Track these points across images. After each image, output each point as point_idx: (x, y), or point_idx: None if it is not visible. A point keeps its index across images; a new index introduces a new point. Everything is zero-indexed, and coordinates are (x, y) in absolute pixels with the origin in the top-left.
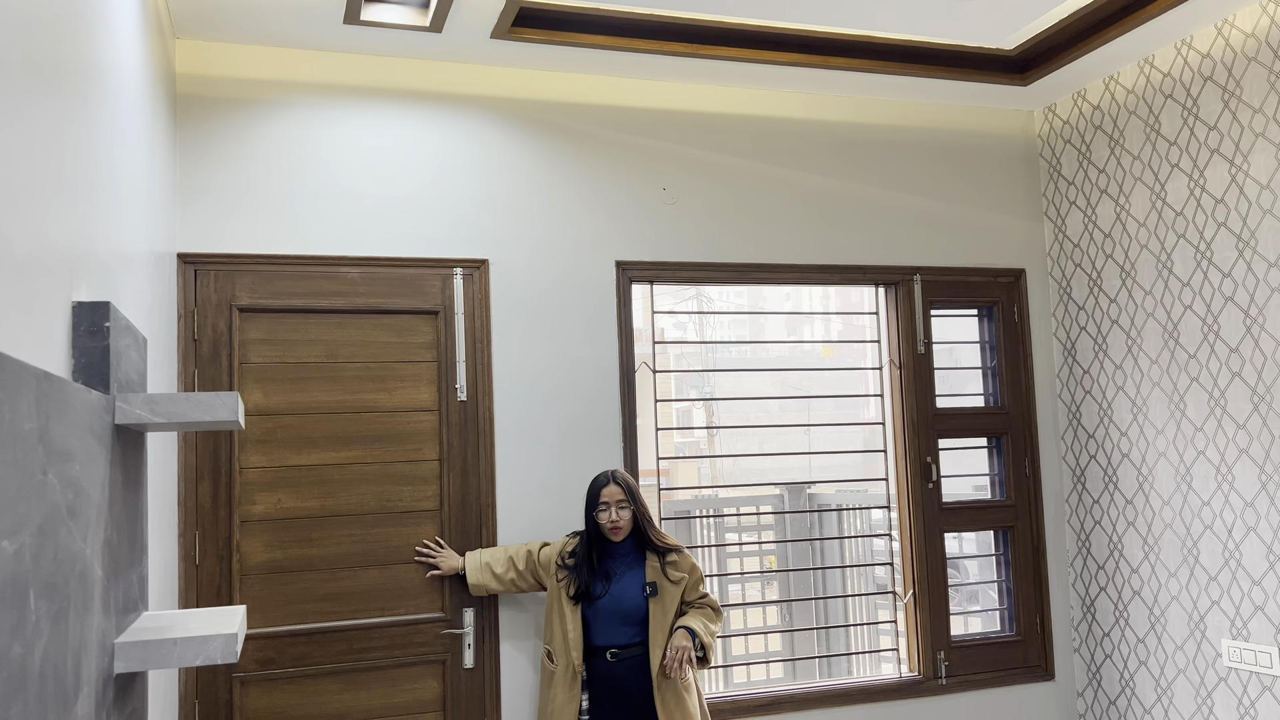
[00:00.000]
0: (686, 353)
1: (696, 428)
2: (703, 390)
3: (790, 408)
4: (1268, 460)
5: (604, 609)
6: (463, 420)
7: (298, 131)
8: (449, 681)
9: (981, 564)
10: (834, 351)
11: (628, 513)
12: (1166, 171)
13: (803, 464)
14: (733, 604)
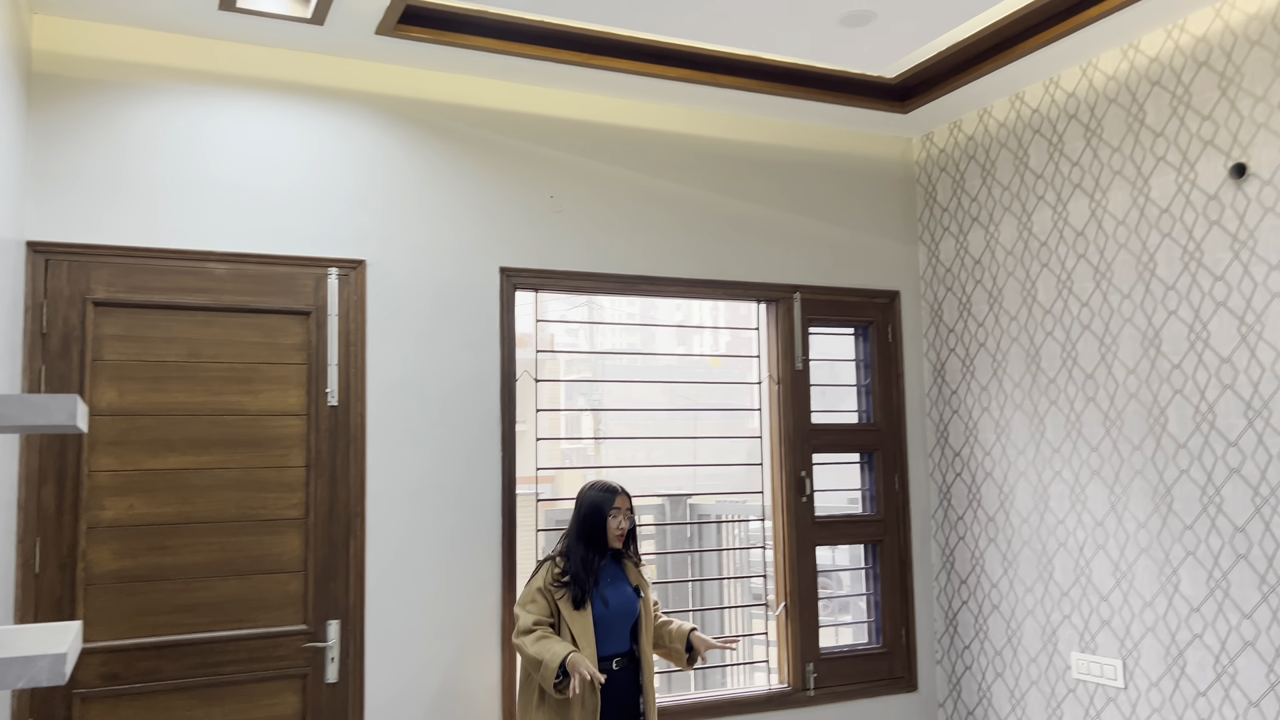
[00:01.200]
0: (576, 361)
1: (579, 438)
2: (591, 399)
3: (677, 419)
4: (1116, 482)
5: (609, 617)
6: (333, 426)
7: (166, 119)
8: (310, 697)
9: (852, 577)
10: (721, 364)
11: (629, 523)
12: (1033, 203)
13: (687, 475)
14: None
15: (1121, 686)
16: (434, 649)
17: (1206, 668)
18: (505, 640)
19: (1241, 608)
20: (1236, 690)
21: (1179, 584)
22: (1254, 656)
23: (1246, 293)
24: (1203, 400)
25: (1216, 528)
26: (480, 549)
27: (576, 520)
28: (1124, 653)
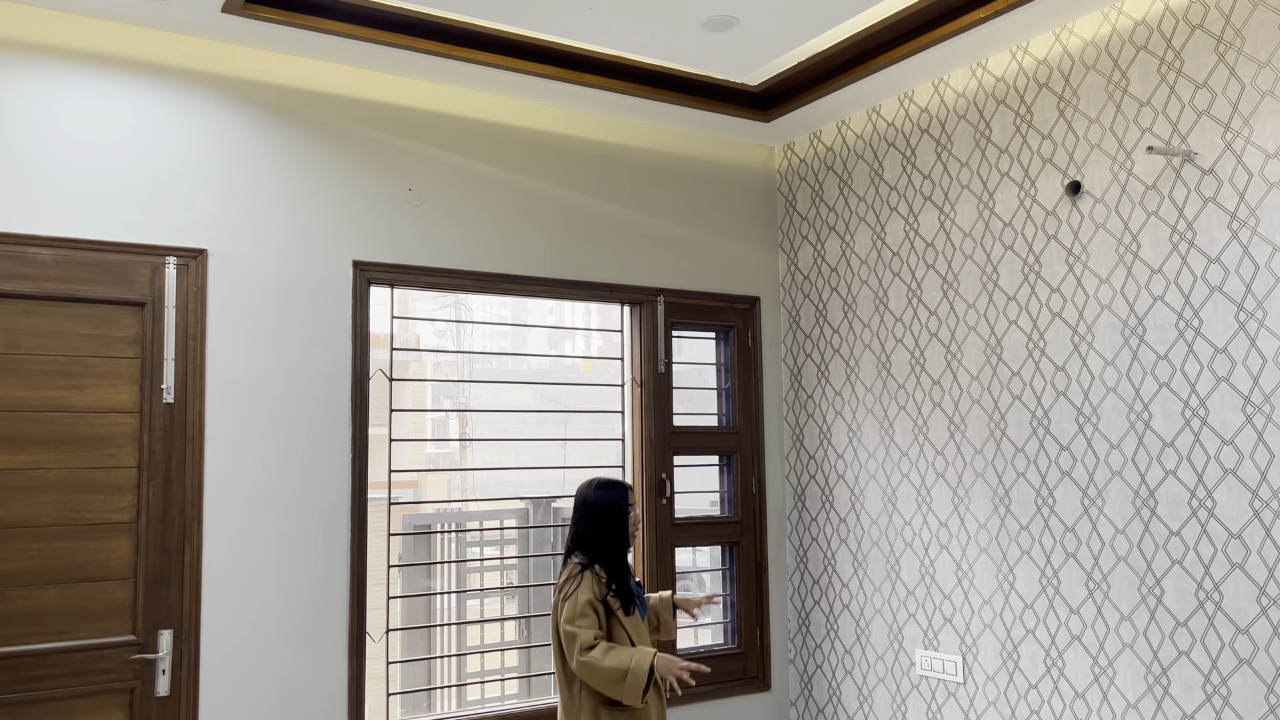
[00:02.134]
0: (445, 363)
1: (440, 440)
2: (458, 401)
3: (547, 422)
4: (959, 484)
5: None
6: (168, 424)
7: None
8: (138, 712)
9: (711, 578)
10: (592, 368)
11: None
12: (887, 214)
13: (555, 477)
14: (470, 620)
15: (961, 681)
16: (276, 659)
17: (1038, 661)
18: (354, 648)
19: (1070, 603)
20: (1064, 682)
21: (1015, 582)
22: (1080, 650)
23: (1079, 304)
24: (1039, 406)
25: (1049, 528)
26: (328, 555)
27: (594, 524)
28: (964, 649)
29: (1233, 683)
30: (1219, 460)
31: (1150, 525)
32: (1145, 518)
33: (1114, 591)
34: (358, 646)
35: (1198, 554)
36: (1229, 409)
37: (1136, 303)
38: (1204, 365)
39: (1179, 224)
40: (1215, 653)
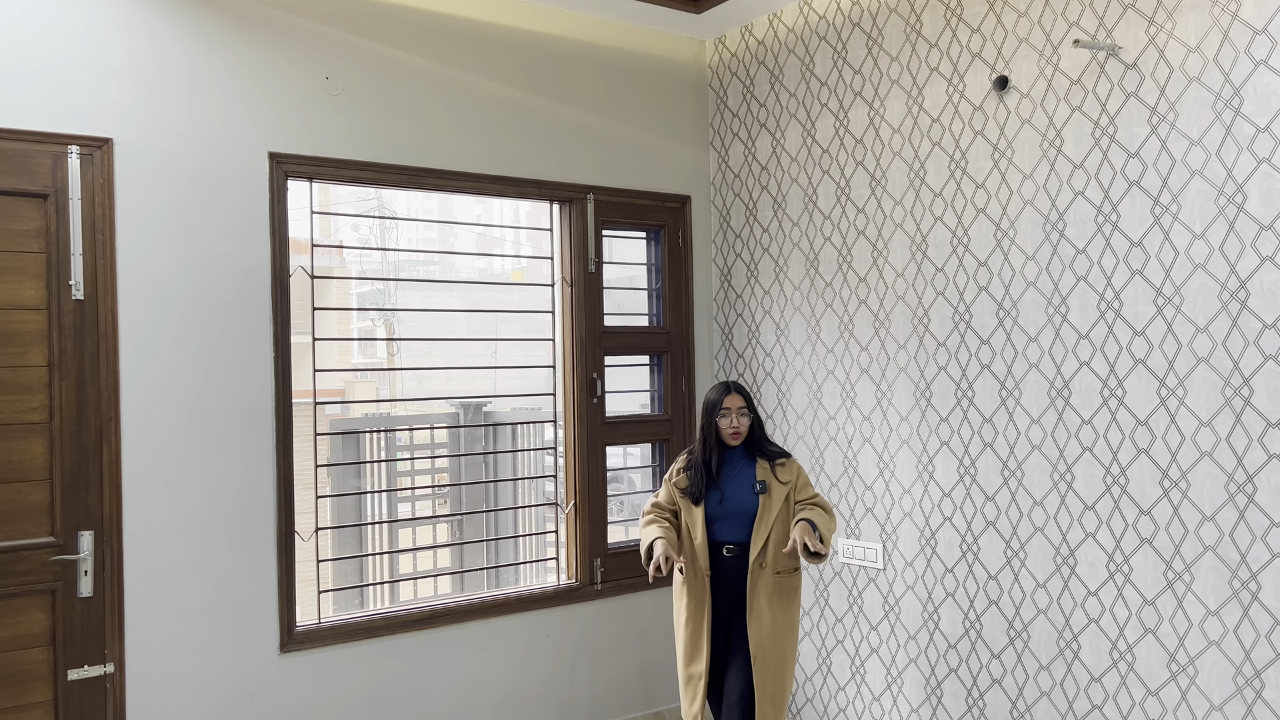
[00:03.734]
0: (369, 264)
1: (360, 339)
2: (383, 303)
3: (477, 321)
4: (883, 379)
5: (723, 509)
6: (79, 322)
7: None
8: (60, 613)
9: (640, 475)
10: (523, 270)
11: (747, 420)
12: (817, 110)
13: (487, 378)
14: (403, 519)
15: (881, 567)
16: (203, 559)
17: (954, 546)
18: (282, 546)
19: (986, 491)
20: (979, 566)
21: (934, 472)
22: (994, 535)
23: (1003, 200)
24: (961, 301)
25: (968, 419)
26: (252, 455)
27: (700, 417)
28: (884, 536)
29: (1134, 560)
30: (1130, 351)
31: (1064, 415)
32: (1059, 407)
33: (1027, 479)
34: (286, 545)
35: (1107, 441)
36: (1141, 301)
37: (1058, 198)
38: (1120, 259)
39: (1101, 119)
40: (1119, 533)
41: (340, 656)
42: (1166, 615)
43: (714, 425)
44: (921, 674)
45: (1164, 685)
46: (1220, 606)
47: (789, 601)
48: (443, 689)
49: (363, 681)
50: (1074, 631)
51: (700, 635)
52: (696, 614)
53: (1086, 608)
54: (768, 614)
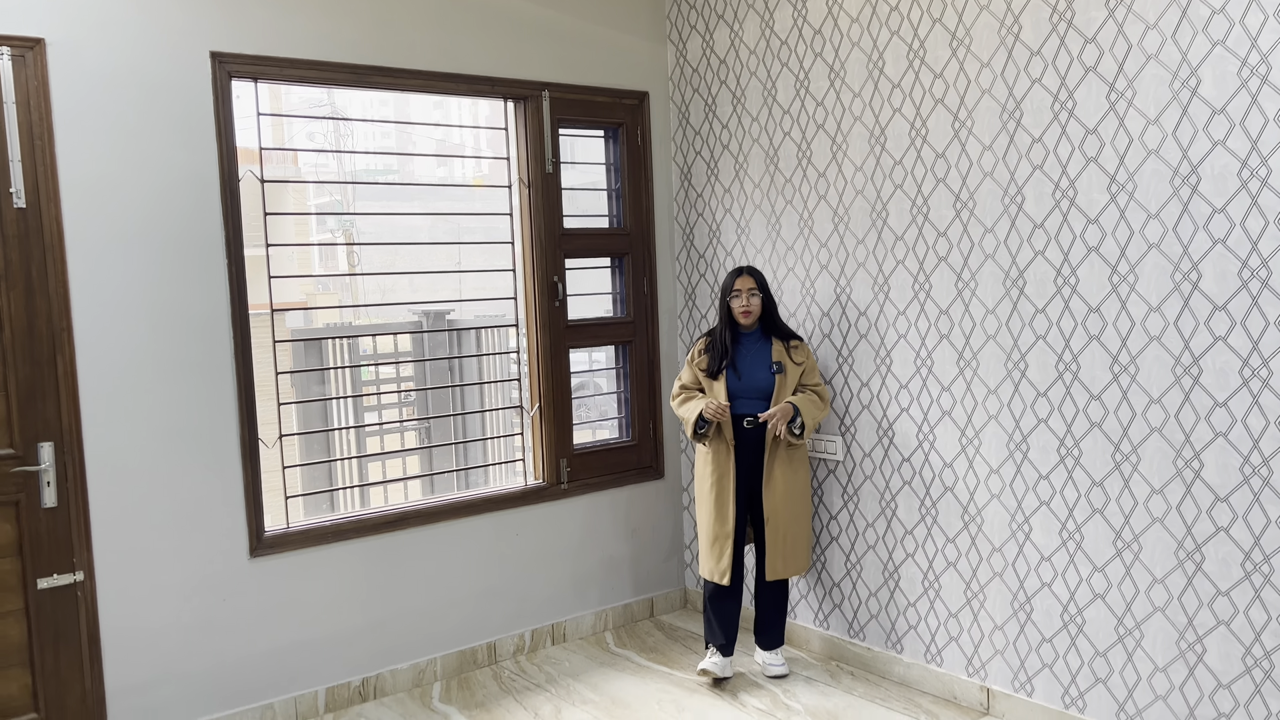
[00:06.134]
0: (322, 169)
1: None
2: (336, 206)
3: (437, 226)
4: (841, 274)
5: (741, 385)
6: (23, 231)
7: None
8: (26, 523)
9: (605, 378)
10: (483, 179)
11: (758, 300)
12: (775, 1)
13: (450, 285)
14: (369, 424)
15: (840, 459)
16: (166, 468)
17: (910, 436)
18: (246, 454)
19: (942, 381)
20: (935, 454)
21: (891, 365)
22: (949, 425)
23: (961, 89)
24: (919, 194)
25: (925, 312)
26: (211, 363)
27: (718, 300)
28: (843, 429)
29: (1084, 444)
30: (1083, 239)
31: (1018, 304)
32: (1014, 297)
33: (982, 369)
34: (250, 452)
35: (1060, 329)
36: (1095, 189)
37: (1015, 86)
38: (1075, 146)
39: (1059, 4)
40: (1070, 418)
41: (310, 560)
42: (1114, 495)
43: (727, 306)
44: (880, 559)
45: (1110, 561)
46: (1164, 485)
47: (798, 469)
48: (414, 589)
49: (334, 583)
50: (1025, 514)
51: (726, 499)
52: (721, 480)
53: (1038, 490)
54: (780, 482)
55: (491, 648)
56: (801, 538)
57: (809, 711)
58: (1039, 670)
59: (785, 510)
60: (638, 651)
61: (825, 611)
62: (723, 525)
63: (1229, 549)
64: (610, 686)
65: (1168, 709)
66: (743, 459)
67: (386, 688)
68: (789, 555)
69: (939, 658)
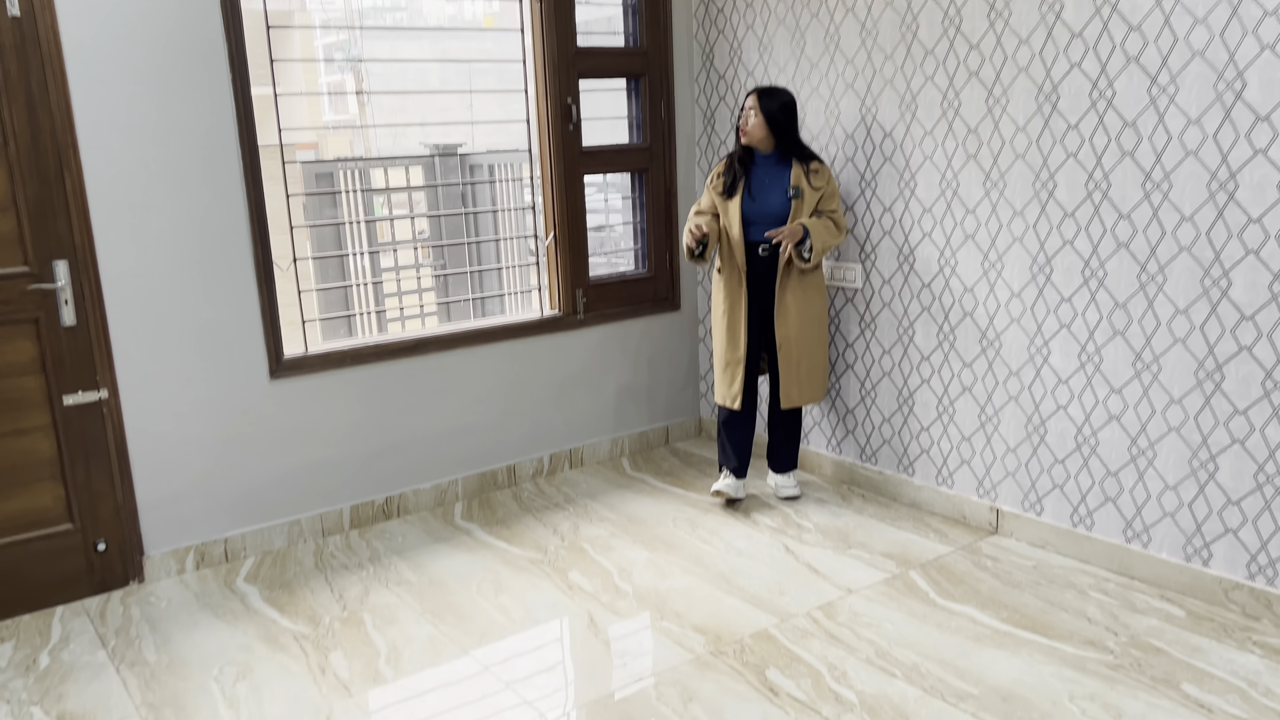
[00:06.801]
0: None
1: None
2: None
3: (447, 69)
4: (868, 93)
5: (756, 208)
6: (19, 40)
7: None
8: (46, 341)
9: (622, 205)
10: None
11: (758, 119)
12: None
13: (461, 107)
14: (380, 247)
15: (859, 287)
16: (182, 290)
17: (931, 261)
18: (261, 276)
19: (967, 204)
20: (956, 279)
21: (915, 188)
22: (973, 248)
23: None
24: (951, 4)
25: (952, 130)
26: (220, 184)
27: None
28: (863, 257)
29: (1110, 265)
30: (1123, 48)
31: (1050, 120)
32: (1046, 112)
33: (1009, 189)
34: (266, 275)
35: (1092, 145)
36: None
37: None
38: None
39: None
40: (1097, 239)
41: (330, 382)
42: (1136, 316)
43: (736, 125)
44: (894, 385)
45: (1128, 383)
46: (1189, 305)
47: (813, 297)
48: (433, 413)
49: (354, 406)
50: (1045, 338)
51: (738, 325)
52: (733, 306)
53: (1059, 313)
54: (793, 310)
55: (511, 470)
56: (816, 367)
57: (820, 530)
58: (1049, 490)
59: (798, 338)
60: (653, 475)
61: (839, 437)
62: (734, 351)
63: (1250, 368)
64: (626, 506)
65: (1175, 525)
66: (755, 286)
67: (409, 506)
68: (802, 383)
69: (950, 480)
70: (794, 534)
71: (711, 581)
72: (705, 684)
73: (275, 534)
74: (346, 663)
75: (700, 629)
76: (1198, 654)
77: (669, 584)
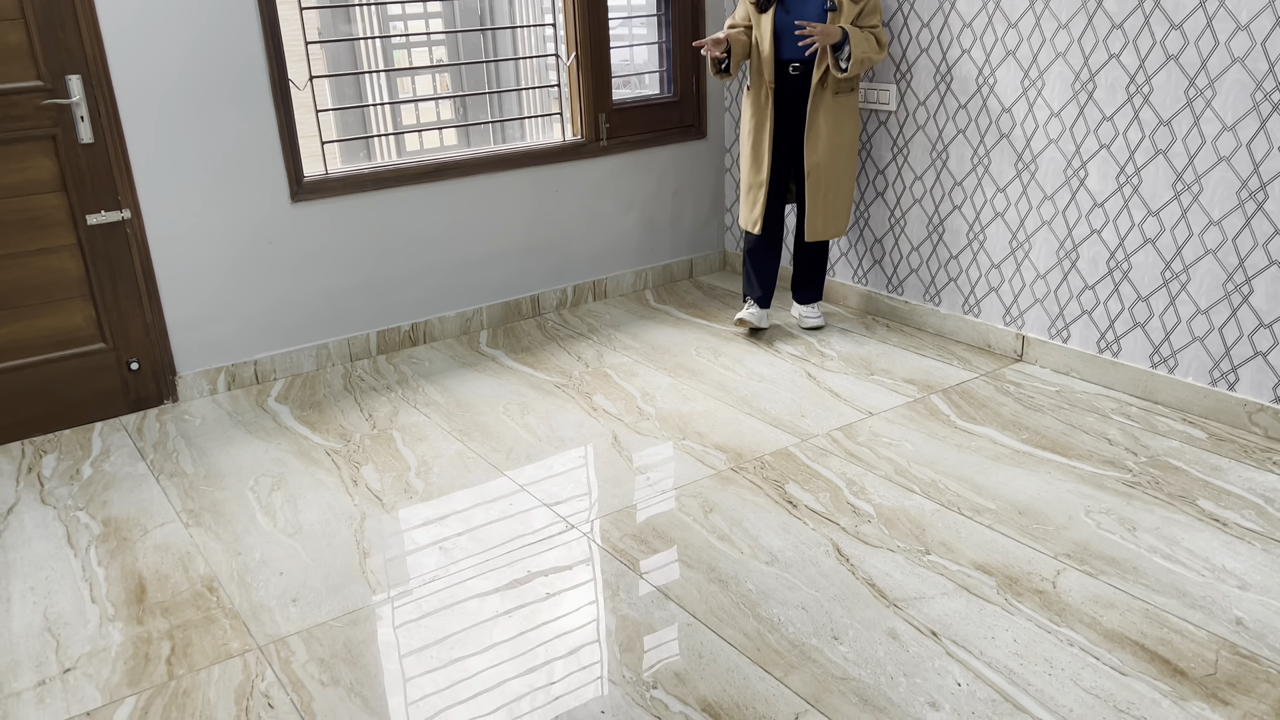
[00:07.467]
0: None
1: None
2: None
3: None
4: None
5: (789, 22)
6: None
7: None
8: (65, 158)
9: (646, 24)
10: None
11: None
12: None
13: None
14: (400, 69)
15: (893, 109)
16: (196, 106)
17: (969, 80)
18: (278, 95)
19: (1010, 16)
20: (994, 98)
21: (955, 2)
22: (1012, 64)
23: None
24: None
25: None
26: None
27: None
28: (897, 77)
29: (1156, 80)
30: None
31: (1094, 18)
32: (1090, 10)
33: (1054, 1)
34: (282, 93)
35: (1136, 47)
36: None
37: None
38: None
39: None
40: (1145, 52)
41: (351, 206)
42: (1180, 135)
43: None
44: (925, 213)
45: (1166, 205)
46: (1238, 121)
47: (845, 122)
48: (455, 240)
49: (375, 231)
50: (1083, 159)
51: (763, 146)
52: (759, 127)
53: (1099, 133)
54: (824, 134)
55: (535, 300)
56: (843, 198)
57: (842, 357)
58: (1077, 317)
59: (829, 165)
60: (676, 306)
61: (865, 268)
62: (757, 173)
63: None
64: (650, 335)
65: (1203, 349)
66: (783, 107)
67: (435, 333)
68: (829, 216)
69: (977, 308)
70: (816, 361)
71: (733, 405)
72: (726, 496)
73: (304, 357)
74: (378, 475)
75: (721, 447)
76: (1216, 473)
77: (691, 407)
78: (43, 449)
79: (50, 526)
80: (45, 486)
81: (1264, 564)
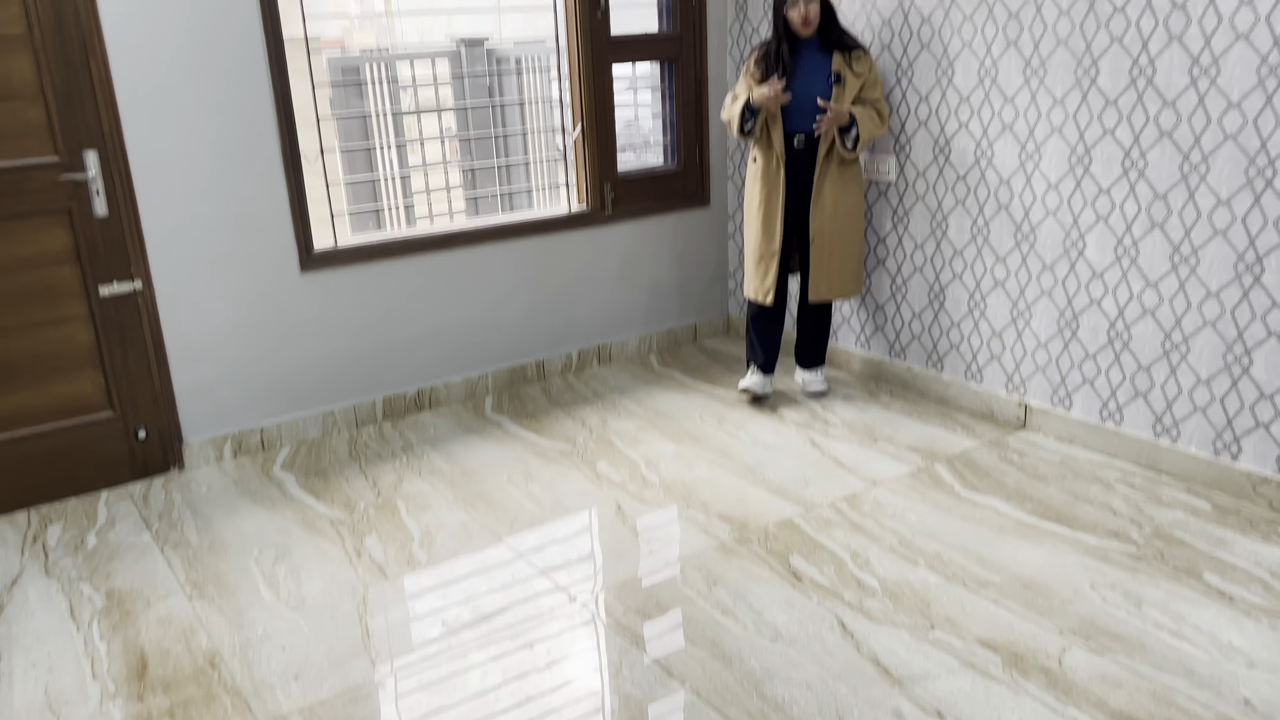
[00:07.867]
0: None
1: None
2: None
3: None
4: None
5: (796, 98)
6: None
7: None
8: (80, 231)
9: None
10: None
11: (817, 7)
12: None
13: (487, 9)
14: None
15: (893, 180)
16: (209, 179)
17: (967, 153)
18: (289, 167)
19: (1006, 92)
20: (992, 170)
21: (953, 76)
22: (1009, 139)
23: None
24: None
25: (993, 15)
26: (246, 80)
27: (771, 9)
28: (897, 149)
29: (1151, 155)
30: None
31: (1095, 2)
32: None
33: (1050, 77)
34: (294, 166)
35: (1138, 29)
36: None
37: None
38: None
39: None
40: (1139, 128)
41: (360, 275)
42: (1176, 208)
43: (783, 16)
44: (926, 280)
45: (1164, 276)
46: (1232, 195)
47: (850, 189)
48: (462, 307)
49: (384, 299)
50: (1081, 230)
51: (774, 217)
52: (770, 198)
53: (1096, 206)
54: (830, 201)
55: (540, 365)
56: (850, 261)
57: (846, 424)
58: (1079, 385)
59: (832, 230)
60: (681, 371)
61: (868, 334)
62: (769, 244)
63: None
64: (654, 400)
65: (1205, 420)
66: (793, 177)
67: (441, 399)
68: (833, 277)
69: (979, 375)
70: (820, 428)
71: (737, 473)
72: (730, 569)
73: (310, 424)
74: (381, 546)
75: (725, 518)
76: (1221, 545)
77: (695, 475)
78: (48, 518)
79: (54, 599)
80: (50, 557)
81: (1271, 641)
